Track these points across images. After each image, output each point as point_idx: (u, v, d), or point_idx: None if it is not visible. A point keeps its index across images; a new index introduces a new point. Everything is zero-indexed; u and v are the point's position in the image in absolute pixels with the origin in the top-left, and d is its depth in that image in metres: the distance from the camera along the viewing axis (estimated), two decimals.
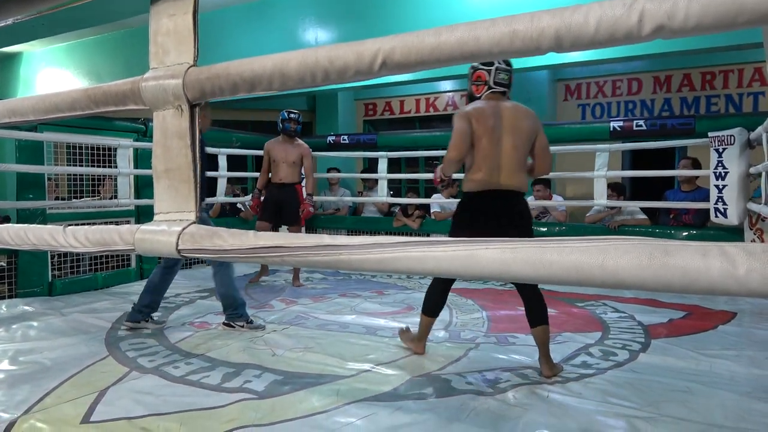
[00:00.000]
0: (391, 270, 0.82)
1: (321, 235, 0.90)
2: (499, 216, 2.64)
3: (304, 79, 0.91)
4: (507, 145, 2.63)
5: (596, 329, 3.46)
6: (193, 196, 1.02)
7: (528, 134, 2.67)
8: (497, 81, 2.72)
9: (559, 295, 4.47)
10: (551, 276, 0.71)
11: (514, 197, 2.66)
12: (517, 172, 2.64)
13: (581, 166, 5.89)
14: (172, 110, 1.03)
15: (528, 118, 2.68)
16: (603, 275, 0.66)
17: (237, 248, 0.94)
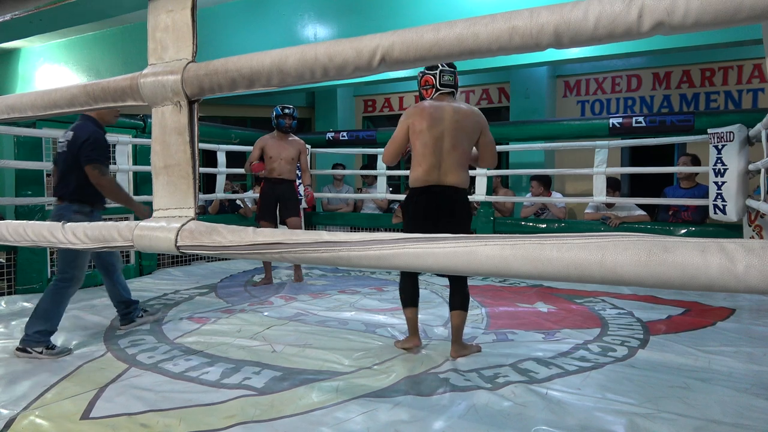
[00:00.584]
0: (390, 266, 0.83)
1: (320, 232, 0.90)
2: (435, 211, 2.80)
3: (303, 75, 0.91)
4: (446, 143, 2.78)
5: (595, 326, 3.47)
6: (192, 193, 1.02)
7: (470, 132, 2.81)
8: (443, 83, 2.89)
9: (558, 292, 4.48)
10: (551, 272, 0.71)
11: (452, 193, 2.79)
12: (455, 169, 2.78)
13: (580, 163, 5.90)
14: (170, 106, 1.03)
15: (470, 117, 2.82)
16: (602, 272, 0.66)
17: (236, 245, 0.94)
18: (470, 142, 2.83)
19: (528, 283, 4.85)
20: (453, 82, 2.91)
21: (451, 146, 2.78)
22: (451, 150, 2.78)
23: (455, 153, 2.78)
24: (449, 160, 2.78)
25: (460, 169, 2.80)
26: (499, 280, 5.02)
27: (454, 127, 2.79)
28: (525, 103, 7.23)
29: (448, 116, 2.80)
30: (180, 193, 1.04)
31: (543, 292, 4.47)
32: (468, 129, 2.81)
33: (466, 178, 2.83)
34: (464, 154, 2.81)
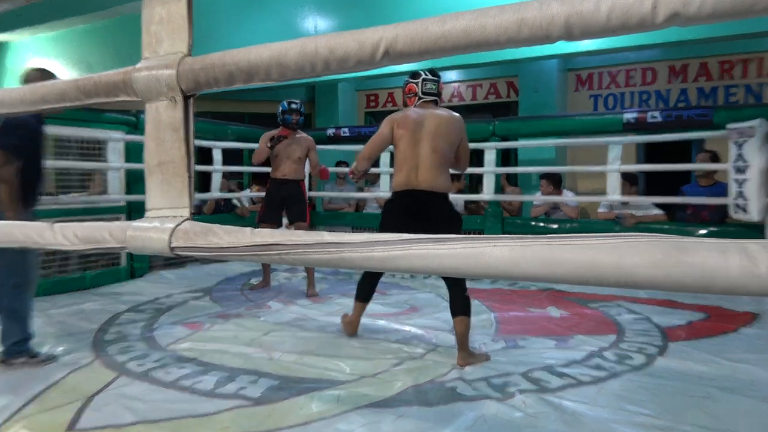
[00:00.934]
0: (394, 269, 0.83)
1: (322, 233, 0.90)
2: (415, 213, 2.97)
3: (304, 68, 0.92)
4: (426, 148, 2.97)
5: (610, 331, 3.46)
6: (187, 191, 1.03)
7: (450, 139, 2.99)
8: (425, 91, 3.10)
9: (570, 296, 4.47)
10: (564, 275, 0.72)
11: (428, 197, 2.96)
12: (435, 173, 2.96)
13: (593, 160, 5.89)
14: (165, 101, 1.03)
15: (451, 123, 3.01)
16: (617, 274, 0.67)
17: (233, 246, 0.94)
18: (451, 147, 3.00)
19: (539, 287, 4.85)
20: (436, 91, 3.11)
21: (431, 150, 2.96)
22: (430, 154, 2.96)
23: (435, 157, 2.96)
24: (428, 164, 2.96)
25: (439, 173, 2.97)
26: (509, 283, 5.02)
27: (434, 133, 2.97)
28: (535, 97, 7.23)
29: (428, 122, 2.99)
30: (174, 192, 1.04)
31: (555, 296, 4.47)
32: (448, 135, 2.99)
33: (444, 182, 2.99)
34: (444, 158, 2.99)
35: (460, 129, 3.04)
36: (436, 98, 3.12)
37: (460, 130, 3.03)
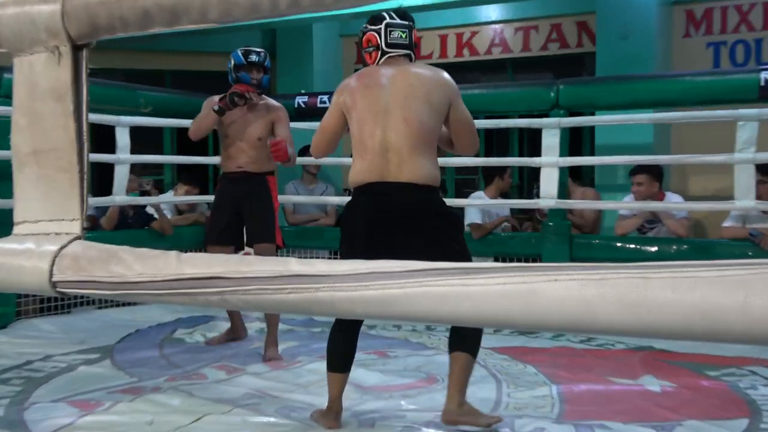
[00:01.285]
0: (399, 316, 0.83)
1: (286, 259, 0.90)
2: (387, 221, 3.05)
3: (259, 4, 0.92)
4: (396, 121, 3.05)
5: (740, 414, 3.45)
6: (77, 195, 1.03)
7: (432, 104, 3.07)
8: (390, 42, 3.20)
9: (677, 358, 4.47)
10: (663, 325, 0.72)
11: (411, 195, 3.04)
12: (413, 156, 3.03)
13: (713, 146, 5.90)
14: (44, 54, 1.04)
15: (432, 81, 3.11)
16: (746, 323, 0.67)
17: (149, 280, 0.94)
18: (434, 116, 3.09)
19: (628, 344, 4.84)
20: (407, 41, 3.23)
21: (403, 124, 3.03)
22: (403, 129, 3.03)
23: (409, 133, 3.02)
24: (400, 143, 3.03)
25: (419, 156, 3.04)
26: (581, 338, 5.01)
27: (406, 96, 3.06)
28: (622, 47, 7.25)
29: (397, 84, 3.09)
30: (58, 196, 1.04)
31: (652, 359, 4.46)
32: (429, 98, 3.07)
33: (428, 169, 3.06)
34: (425, 134, 3.06)
35: (448, 90, 3.13)
36: (409, 52, 3.23)
37: (446, 92, 3.12)
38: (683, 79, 5.87)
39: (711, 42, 7.42)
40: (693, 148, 6.45)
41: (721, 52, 7.37)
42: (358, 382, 3.98)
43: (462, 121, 3.15)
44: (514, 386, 3.90)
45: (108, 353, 4.64)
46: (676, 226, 5.85)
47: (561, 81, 6.14)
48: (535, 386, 3.89)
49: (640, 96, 5.92)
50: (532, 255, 6.05)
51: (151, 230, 6.45)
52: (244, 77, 4.61)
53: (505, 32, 8.45)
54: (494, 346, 4.75)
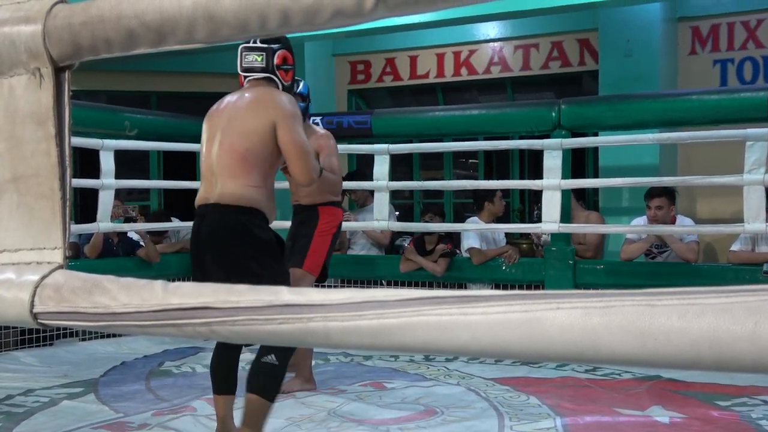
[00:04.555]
0: (396, 347, 0.83)
1: (278, 288, 0.90)
2: (203, 241, 3.27)
3: (248, 24, 0.93)
4: (219, 144, 3.28)
5: None
6: (59, 222, 1.03)
7: (253, 130, 3.22)
8: (244, 66, 3.41)
9: (686, 388, 4.46)
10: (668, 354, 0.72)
11: (219, 214, 3.23)
12: (230, 180, 3.22)
13: (721, 167, 5.92)
14: (24, 77, 1.04)
15: (255, 103, 3.28)
16: (756, 352, 0.67)
17: (134, 310, 0.94)
18: (256, 139, 3.22)
19: (635, 374, 4.83)
20: (263, 64, 3.40)
21: (224, 146, 3.25)
22: (227, 154, 3.23)
23: (229, 156, 3.23)
24: (220, 165, 3.25)
25: (241, 178, 3.21)
26: (586, 368, 5.00)
27: (230, 119, 3.28)
28: (625, 64, 7.29)
29: (229, 107, 3.34)
30: (39, 224, 1.04)
31: (661, 390, 4.45)
32: (249, 123, 3.24)
33: (249, 192, 3.22)
34: (244, 155, 3.22)
35: (272, 112, 3.23)
36: (269, 75, 3.39)
37: (270, 114, 3.23)
38: (690, 97, 5.90)
39: (718, 59, 7.46)
40: (700, 169, 6.47)
41: (728, 69, 7.41)
42: (353, 415, 3.97)
43: (287, 145, 3.22)
44: (516, 419, 3.88)
45: (92, 387, 4.63)
46: (685, 251, 5.85)
47: (563, 100, 6.17)
48: (539, 418, 3.87)
49: (645, 115, 5.95)
50: (534, 281, 6.05)
51: (136, 258, 6.44)
52: None
53: (504, 50, 8.49)
54: (495, 377, 4.75)
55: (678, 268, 5.76)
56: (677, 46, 7.54)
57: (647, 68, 7.15)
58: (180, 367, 5.22)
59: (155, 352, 5.67)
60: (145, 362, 5.34)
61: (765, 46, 7.29)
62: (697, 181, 5.92)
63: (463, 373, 4.88)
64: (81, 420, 3.93)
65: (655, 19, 7.25)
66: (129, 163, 6.65)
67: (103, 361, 5.35)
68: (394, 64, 8.90)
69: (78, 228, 5.97)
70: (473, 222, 6.47)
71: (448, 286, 6.16)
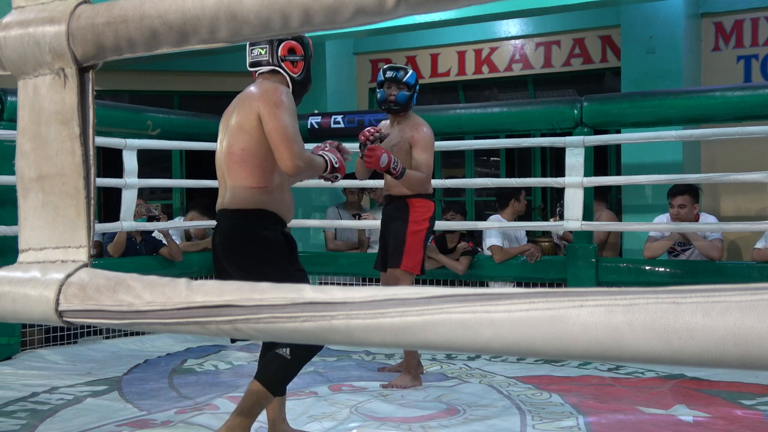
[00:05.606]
0: (418, 344, 0.83)
1: (300, 286, 0.90)
2: (217, 248, 3.33)
3: (270, 23, 0.93)
4: (223, 148, 3.31)
5: None
6: (84, 221, 1.04)
7: (245, 126, 3.22)
8: (251, 61, 3.43)
9: (712, 387, 4.43)
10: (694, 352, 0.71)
11: (227, 222, 3.28)
12: (233, 184, 3.25)
13: (746, 163, 5.88)
14: (49, 77, 1.04)
15: (247, 99, 3.25)
16: None
17: (158, 309, 0.95)
18: (248, 137, 3.21)
19: (658, 373, 4.81)
20: (266, 58, 3.38)
21: (228, 150, 3.27)
22: (227, 156, 3.27)
23: (232, 159, 3.25)
24: (226, 171, 3.28)
25: (241, 181, 3.24)
26: (609, 366, 4.99)
27: (229, 119, 3.31)
28: (648, 61, 7.25)
29: (231, 108, 3.35)
30: (64, 223, 1.05)
31: (685, 388, 4.42)
32: (241, 119, 3.23)
33: (252, 194, 3.23)
34: (243, 158, 3.22)
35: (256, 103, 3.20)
36: (275, 68, 3.37)
37: (254, 105, 3.20)
38: (713, 94, 5.85)
39: (741, 55, 7.40)
40: (724, 166, 6.44)
41: (752, 65, 7.35)
42: (375, 413, 3.97)
43: (270, 132, 3.17)
44: (539, 417, 3.87)
45: (116, 385, 4.65)
46: (709, 249, 5.81)
47: (585, 98, 6.14)
48: (562, 417, 3.86)
49: (668, 112, 5.91)
50: (556, 279, 6.04)
51: (159, 257, 6.47)
52: (380, 96, 4.71)
53: (525, 48, 8.46)
54: (518, 375, 4.74)
55: (702, 266, 5.73)
56: (700, 42, 7.49)
57: (670, 65, 7.11)
58: (203, 365, 5.24)
59: (178, 350, 5.70)
60: (168, 360, 5.36)
61: None
62: (721, 179, 5.87)
63: (485, 372, 4.87)
64: (105, 417, 3.95)
65: (677, 15, 7.20)
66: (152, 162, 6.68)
67: (127, 358, 5.38)
68: (414, 63, 8.89)
69: (101, 227, 6.00)
70: (495, 220, 6.46)
71: (469, 284, 6.15)
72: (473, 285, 5.90)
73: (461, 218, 6.60)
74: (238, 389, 4.50)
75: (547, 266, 6.21)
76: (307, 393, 4.41)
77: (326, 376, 4.84)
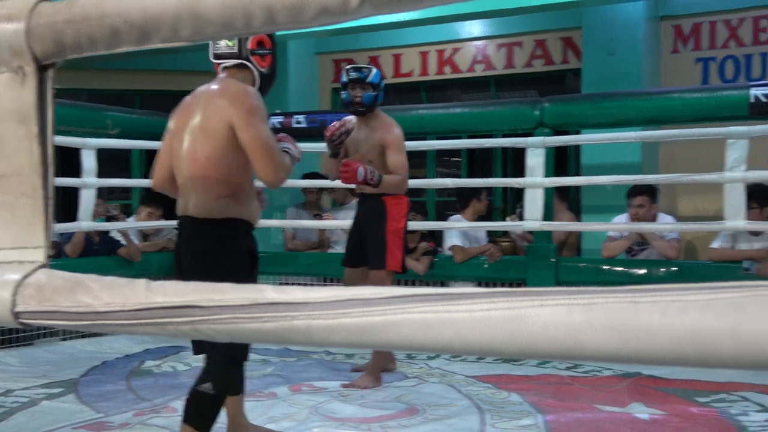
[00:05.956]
0: (380, 344, 0.83)
1: (262, 286, 0.90)
2: (181, 256, 3.16)
3: (233, 22, 0.93)
4: (186, 149, 3.08)
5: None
6: (41, 221, 1.03)
7: (211, 133, 3.00)
8: (215, 53, 3.19)
9: (666, 385, 4.48)
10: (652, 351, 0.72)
11: (191, 230, 3.10)
12: (197, 190, 3.05)
13: (703, 164, 5.95)
14: (6, 75, 1.03)
15: (216, 100, 3.05)
16: (737, 347, 0.67)
17: (118, 310, 0.94)
18: (215, 143, 3.00)
19: (616, 371, 4.86)
20: (236, 51, 3.15)
21: (191, 155, 3.05)
22: (191, 162, 3.05)
23: (197, 167, 3.03)
24: (191, 177, 3.05)
25: (208, 191, 3.03)
26: (567, 365, 5.03)
27: (191, 119, 3.07)
28: (608, 63, 7.31)
29: (194, 106, 3.10)
30: (21, 223, 1.04)
31: (641, 386, 4.47)
32: (208, 123, 3.01)
33: (218, 204, 3.04)
34: (209, 166, 3.02)
35: (228, 110, 2.98)
36: (243, 61, 3.16)
37: (225, 113, 2.98)
38: (672, 95, 5.92)
39: (700, 57, 7.49)
40: (682, 167, 6.51)
41: (710, 68, 7.44)
42: (335, 413, 3.96)
43: (247, 144, 2.96)
44: (498, 416, 3.89)
45: (72, 387, 4.60)
46: (666, 248, 5.88)
47: (546, 99, 6.19)
48: (521, 416, 3.88)
49: (628, 114, 5.97)
50: (516, 279, 6.07)
51: (117, 257, 6.42)
52: (344, 97, 4.66)
53: (488, 49, 8.50)
54: (477, 375, 4.76)
55: (659, 266, 5.79)
56: (660, 45, 7.57)
57: (630, 67, 7.17)
58: (161, 367, 5.20)
59: (136, 351, 5.64)
60: (126, 362, 5.31)
61: (746, 45, 7.34)
62: (679, 179, 5.94)
63: (445, 371, 4.88)
64: (61, 420, 3.90)
65: (638, 18, 7.27)
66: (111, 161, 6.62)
67: (84, 360, 5.32)
68: (377, 63, 8.87)
69: (59, 227, 5.94)
70: (456, 220, 6.48)
71: (430, 284, 6.16)
72: (434, 285, 5.91)
73: (422, 218, 6.62)
74: None
75: (508, 266, 6.24)
76: (266, 394, 4.40)
77: (286, 376, 4.83)
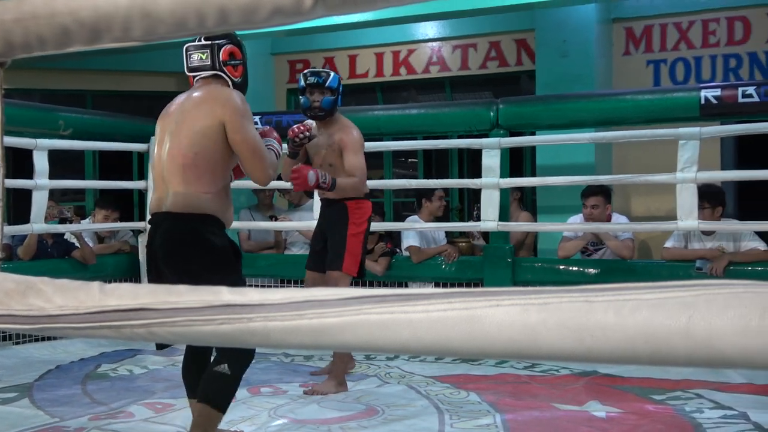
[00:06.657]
0: (337, 345, 0.83)
1: (218, 288, 0.89)
2: (156, 251, 3.22)
3: (185, 22, 0.92)
4: (167, 149, 3.22)
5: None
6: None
7: (200, 132, 3.14)
8: (190, 66, 3.33)
9: (624, 383, 4.53)
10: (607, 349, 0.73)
11: (169, 225, 3.18)
12: (177, 186, 3.16)
13: (654, 165, 6.01)
14: None
15: (202, 104, 3.19)
16: (689, 346, 0.68)
17: (71, 313, 0.93)
18: (205, 141, 3.14)
19: (573, 370, 4.90)
20: (208, 63, 3.30)
21: (172, 151, 3.18)
22: (171, 160, 3.18)
23: (177, 162, 3.16)
24: (171, 173, 3.17)
25: (189, 185, 3.15)
26: (525, 364, 5.06)
27: (177, 122, 3.20)
28: (562, 64, 7.36)
29: (178, 109, 3.26)
30: None
31: (598, 385, 4.52)
32: (196, 124, 3.15)
33: (199, 199, 3.16)
34: (194, 162, 3.14)
35: (219, 112, 3.14)
36: (218, 72, 3.29)
37: (216, 114, 3.14)
38: (624, 97, 5.98)
39: (651, 60, 7.58)
40: (635, 167, 6.57)
41: (661, 70, 7.53)
42: (294, 415, 3.95)
43: (238, 145, 3.15)
44: (457, 416, 3.90)
45: (26, 391, 4.54)
46: (620, 248, 5.93)
47: (501, 100, 6.22)
48: (479, 415, 3.90)
49: (581, 115, 6.02)
50: (473, 279, 6.09)
51: (72, 260, 6.34)
52: (303, 102, 4.61)
53: (443, 50, 8.52)
54: (436, 375, 4.77)
55: (613, 265, 5.84)
56: (612, 47, 7.65)
57: (583, 68, 7.24)
58: (117, 370, 5.14)
59: (92, 355, 5.58)
60: (82, 365, 5.24)
61: (696, 47, 7.44)
62: (632, 180, 6.00)
63: (404, 372, 4.89)
64: (15, 425, 3.84)
65: (590, 20, 7.33)
66: (63, 163, 6.54)
67: (38, 364, 5.25)
68: (333, 63, 8.87)
69: (11, 229, 5.85)
70: (413, 221, 6.49)
71: (388, 285, 6.17)
72: (392, 286, 5.91)
73: (380, 219, 6.62)
74: (153, 395, 4.43)
75: (465, 266, 6.26)
76: None
77: (245, 378, 4.77)
